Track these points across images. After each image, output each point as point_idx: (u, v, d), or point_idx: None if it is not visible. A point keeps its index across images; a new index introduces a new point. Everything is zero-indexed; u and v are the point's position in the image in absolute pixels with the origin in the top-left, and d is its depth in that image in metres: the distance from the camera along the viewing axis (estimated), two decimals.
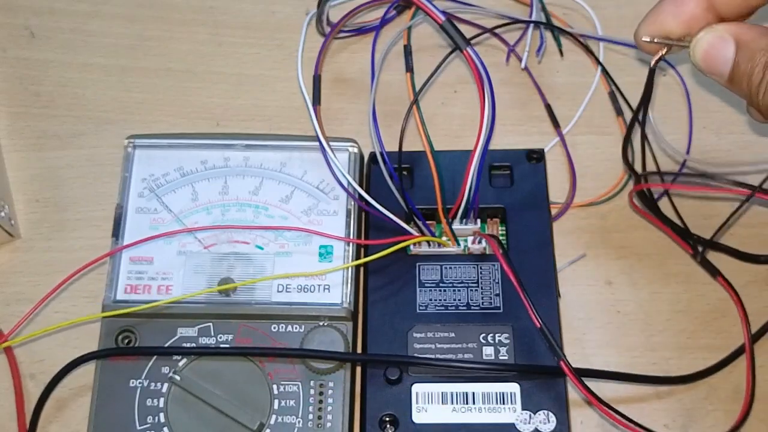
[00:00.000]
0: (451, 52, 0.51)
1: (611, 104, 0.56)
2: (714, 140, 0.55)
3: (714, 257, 0.51)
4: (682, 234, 0.51)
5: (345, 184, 0.51)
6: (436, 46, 0.58)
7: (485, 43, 0.58)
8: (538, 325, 0.46)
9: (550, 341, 0.46)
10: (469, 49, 0.46)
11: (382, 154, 0.50)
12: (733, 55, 0.37)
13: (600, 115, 0.56)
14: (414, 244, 0.50)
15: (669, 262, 0.52)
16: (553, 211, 0.53)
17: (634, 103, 0.56)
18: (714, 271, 0.51)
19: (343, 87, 0.57)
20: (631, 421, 0.46)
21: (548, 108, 0.56)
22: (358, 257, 0.50)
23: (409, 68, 0.49)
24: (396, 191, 0.49)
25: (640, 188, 0.50)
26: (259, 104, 0.57)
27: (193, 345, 0.48)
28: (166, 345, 0.48)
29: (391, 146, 0.51)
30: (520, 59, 0.57)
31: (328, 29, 0.57)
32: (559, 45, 0.58)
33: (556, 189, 0.54)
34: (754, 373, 0.48)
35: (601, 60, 0.57)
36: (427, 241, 0.51)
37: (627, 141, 0.50)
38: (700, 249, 0.51)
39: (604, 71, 0.56)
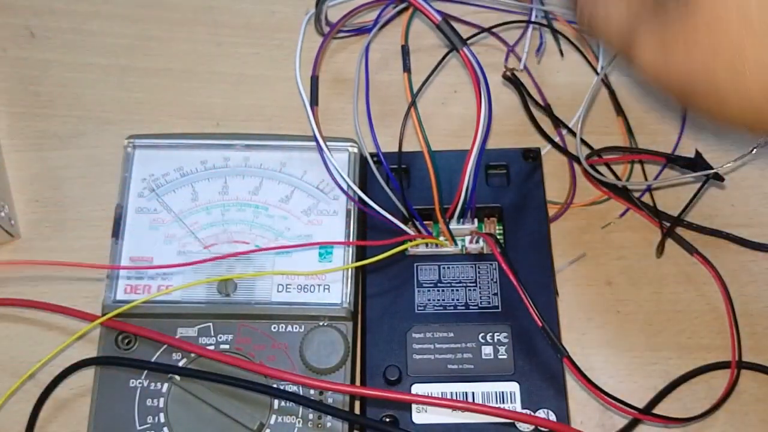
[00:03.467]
0: (449, 53, 0.51)
1: (611, 104, 0.56)
2: (714, 140, 0.55)
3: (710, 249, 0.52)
4: (654, 214, 0.52)
5: (342, 185, 0.51)
6: (435, 45, 0.58)
7: (484, 43, 0.58)
8: (540, 324, 0.46)
9: (552, 339, 0.46)
10: (465, 49, 0.46)
11: (378, 156, 0.50)
12: None
13: (600, 115, 0.56)
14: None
15: (669, 261, 0.52)
16: (553, 211, 0.53)
17: (630, 101, 0.56)
18: (690, 248, 0.52)
19: (343, 87, 0.57)
20: (637, 409, 0.47)
21: (548, 108, 0.56)
22: (358, 257, 0.50)
23: (407, 69, 0.49)
24: (393, 195, 0.50)
25: (590, 162, 0.53)
26: (259, 104, 0.57)
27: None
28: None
29: (391, 146, 0.51)
30: (519, 59, 0.57)
31: (327, 29, 0.57)
32: (559, 45, 0.58)
33: (557, 189, 0.54)
34: (739, 332, 0.50)
35: (600, 59, 0.57)
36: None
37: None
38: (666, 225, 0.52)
39: (605, 75, 0.56)
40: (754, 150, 0.49)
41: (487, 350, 0.48)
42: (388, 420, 0.47)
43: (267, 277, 0.50)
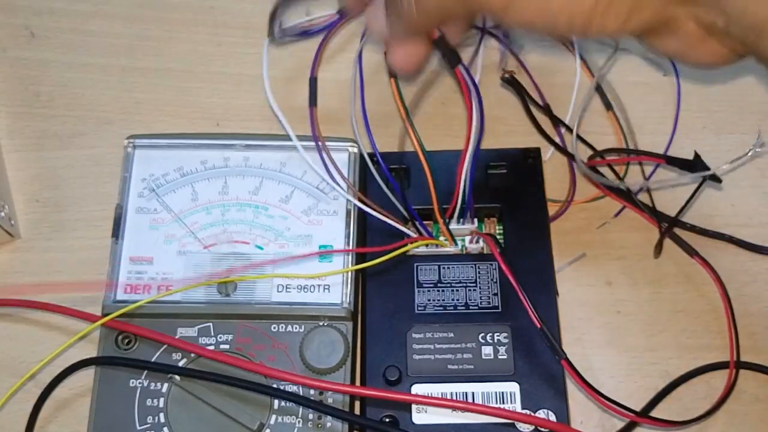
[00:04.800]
0: (453, 66, 0.50)
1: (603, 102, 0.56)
2: (714, 140, 0.55)
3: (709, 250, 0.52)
4: (652, 214, 0.53)
5: (342, 185, 0.51)
6: None
7: (483, 44, 0.58)
8: (539, 325, 0.46)
9: (550, 341, 0.46)
10: (460, 67, 0.46)
11: (376, 157, 0.50)
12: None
13: (600, 115, 0.56)
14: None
15: (668, 262, 0.52)
16: (554, 210, 0.53)
17: (631, 101, 0.56)
18: (689, 249, 0.52)
19: (344, 86, 0.57)
20: (635, 412, 0.47)
21: (547, 107, 0.56)
22: (358, 258, 0.50)
23: (393, 74, 0.49)
24: (392, 196, 0.50)
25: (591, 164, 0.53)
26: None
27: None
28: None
29: (393, 146, 0.51)
30: (517, 58, 0.57)
31: (279, 34, 0.56)
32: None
33: (557, 189, 0.54)
34: (737, 333, 0.50)
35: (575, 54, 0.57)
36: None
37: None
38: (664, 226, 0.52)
39: (590, 71, 0.57)
40: (750, 152, 0.49)
41: (487, 350, 0.48)
42: (388, 420, 0.47)
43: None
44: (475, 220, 0.52)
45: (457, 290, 0.50)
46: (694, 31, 0.42)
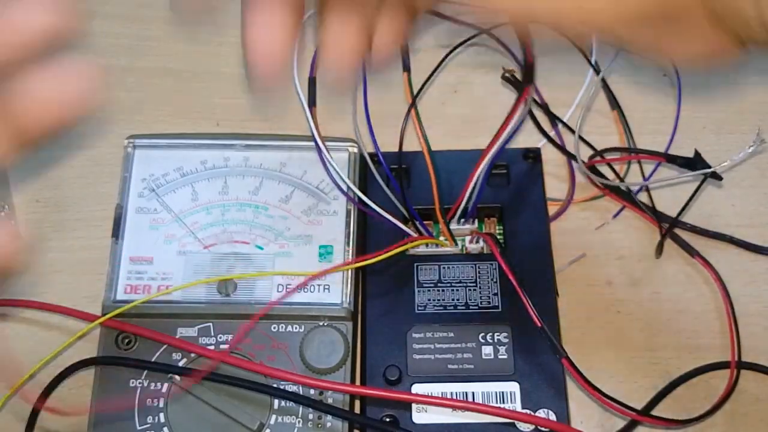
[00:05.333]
0: (449, 53, 0.50)
1: (606, 101, 0.56)
2: (713, 140, 0.55)
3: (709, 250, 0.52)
4: (653, 214, 0.52)
5: (342, 185, 0.51)
6: (435, 45, 0.58)
7: (482, 43, 0.58)
8: (539, 325, 0.46)
9: (551, 340, 0.46)
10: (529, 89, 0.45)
11: (378, 156, 0.50)
12: None
13: (600, 115, 0.56)
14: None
15: (669, 262, 0.52)
16: (554, 208, 0.53)
17: (631, 101, 0.56)
18: (690, 250, 0.52)
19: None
20: (636, 411, 0.47)
21: (545, 107, 0.56)
22: (358, 257, 0.50)
23: (406, 68, 0.49)
24: (393, 196, 0.50)
25: (591, 163, 0.53)
26: (259, 104, 0.57)
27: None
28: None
29: (392, 146, 0.51)
30: (516, 60, 0.57)
31: None
32: None
33: (557, 188, 0.54)
34: (738, 333, 0.50)
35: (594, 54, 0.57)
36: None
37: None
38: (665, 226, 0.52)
39: (596, 68, 0.56)
40: (751, 148, 0.49)
41: (487, 350, 0.48)
42: (388, 420, 0.47)
43: (267, 277, 0.50)
44: (475, 220, 0.52)
45: (457, 290, 0.50)
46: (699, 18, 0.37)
